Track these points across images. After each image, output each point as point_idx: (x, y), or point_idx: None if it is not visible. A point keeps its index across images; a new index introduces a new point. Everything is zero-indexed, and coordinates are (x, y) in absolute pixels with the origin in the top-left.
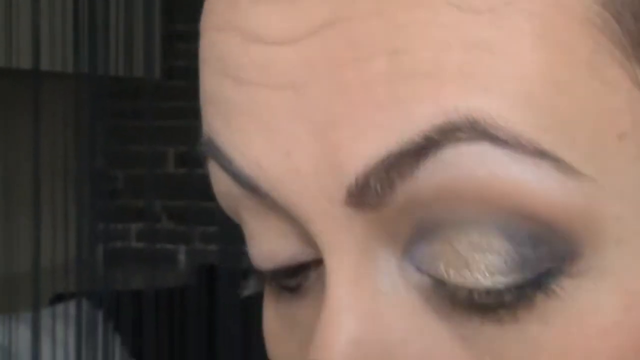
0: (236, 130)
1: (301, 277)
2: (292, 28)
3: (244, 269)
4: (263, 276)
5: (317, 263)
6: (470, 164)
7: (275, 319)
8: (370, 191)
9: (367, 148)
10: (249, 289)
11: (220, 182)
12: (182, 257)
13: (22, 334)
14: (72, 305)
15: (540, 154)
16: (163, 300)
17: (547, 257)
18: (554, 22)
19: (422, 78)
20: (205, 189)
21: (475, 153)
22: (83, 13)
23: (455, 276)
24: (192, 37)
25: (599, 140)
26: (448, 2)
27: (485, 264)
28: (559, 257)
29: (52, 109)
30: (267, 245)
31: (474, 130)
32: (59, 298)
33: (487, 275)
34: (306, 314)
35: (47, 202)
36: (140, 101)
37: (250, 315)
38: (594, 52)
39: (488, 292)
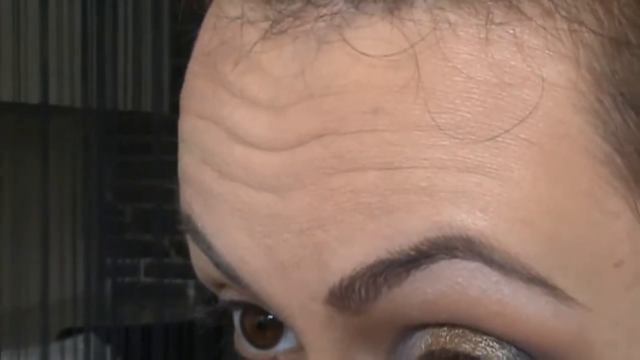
0: (217, 219)
1: (270, 352)
2: (279, 138)
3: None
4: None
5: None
6: (461, 281)
7: None
8: (354, 295)
9: (356, 252)
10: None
11: (199, 260)
12: (191, 291)
13: None
14: (80, 340)
15: (535, 279)
16: (172, 335)
17: None
18: (555, 152)
19: (415, 193)
20: None
21: (467, 270)
22: (91, 48)
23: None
24: None
25: (595, 269)
26: (442, 129)
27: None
28: None
29: (60, 144)
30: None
31: (467, 249)
32: (67, 333)
33: (482, 353)
34: None
35: (55, 237)
36: (148, 136)
37: None
38: (594, 183)
39: None
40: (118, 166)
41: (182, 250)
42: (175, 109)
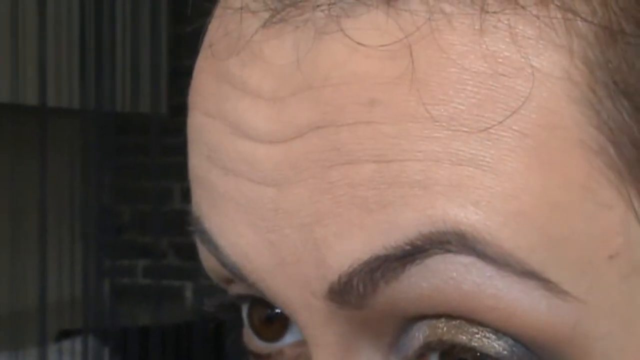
0: (223, 217)
1: (277, 346)
2: (279, 130)
3: (231, 328)
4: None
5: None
6: (455, 275)
7: None
8: (353, 291)
9: (352, 248)
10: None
11: (207, 260)
12: (188, 293)
13: None
14: (78, 342)
15: (528, 273)
16: (169, 337)
17: None
18: (549, 143)
19: (410, 186)
20: None
21: (461, 264)
22: (89, 49)
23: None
24: None
25: (589, 261)
26: (436, 120)
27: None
28: None
29: (58, 145)
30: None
31: (461, 243)
32: (65, 334)
33: (478, 344)
34: None
35: (53, 239)
36: (146, 137)
37: None
38: (588, 175)
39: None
40: (116, 167)
41: (180, 251)
42: (173, 110)
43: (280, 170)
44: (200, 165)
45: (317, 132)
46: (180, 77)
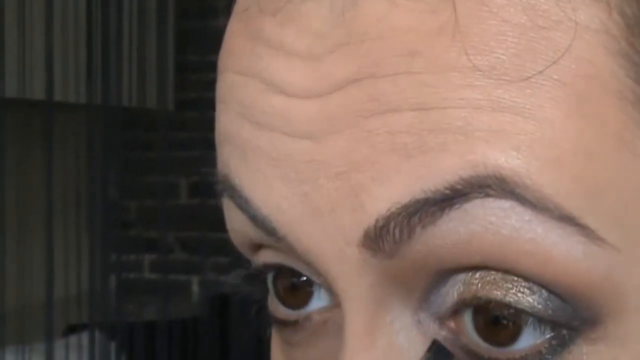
0: (255, 171)
1: (303, 312)
2: (316, 85)
3: (257, 299)
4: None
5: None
6: (494, 220)
7: None
8: (389, 236)
9: (391, 192)
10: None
11: (235, 221)
12: (195, 287)
13: None
14: (85, 337)
15: (566, 218)
16: (176, 331)
17: (568, 317)
18: (587, 93)
19: (450, 132)
20: (218, 220)
21: (500, 209)
22: (96, 44)
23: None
24: (204, 68)
25: (625, 211)
26: (478, 69)
27: (509, 298)
28: (579, 320)
29: (64, 140)
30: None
31: (501, 187)
32: (72, 329)
33: (513, 299)
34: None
35: (59, 234)
36: (153, 132)
37: (263, 346)
38: (625, 125)
39: (510, 310)
40: (122, 163)
41: (187, 246)
42: (179, 105)
43: (315, 123)
44: (230, 122)
45: (354, 84)
46: (187, 72)
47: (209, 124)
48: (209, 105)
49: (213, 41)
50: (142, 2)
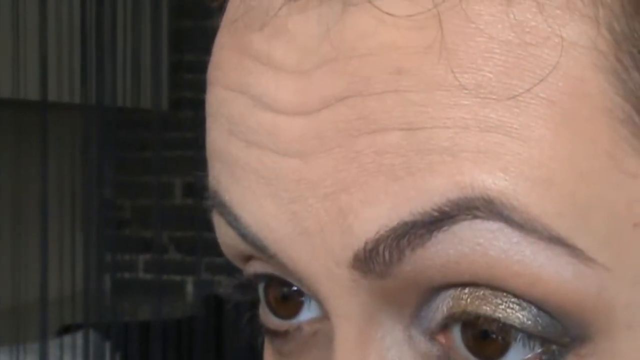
0: (244, 189)
1: (293, 323)
2: (304, 101)
3: (251, 299)
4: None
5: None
6: (482, 242)
7: None
8: (378, 258)
9: (379, 215)
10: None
11: (226, 236)
12: (189, 287)
13: None
14: (79, 336)
15: (555, 239)
16: (170, 331)
17: (558, 333)
18: (576, 111)
19: (437, 153)
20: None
21: (488, 231)
22: (90, 44)
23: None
24: (199, 68)
25: (614, 229)
26: (465, 88)
27: (500, 313)
28: (569, 337)
29: (59, 140)
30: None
31: (488, 209)
32: (66, 329)
33: (502, 315)
34: None
35: (54, 233)
36: (147, 132)
37: (257, 346)
38: (614, 143)
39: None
40: (117, 162)
41: (181, 246)
42: (174, 105)
43: (304, 141)
44: (220, 138)
45: (343, 102)
46: (181, 72)
47: (204, 124)
48: (203, 105)
49: (207, 41)
50: (136, 1)
